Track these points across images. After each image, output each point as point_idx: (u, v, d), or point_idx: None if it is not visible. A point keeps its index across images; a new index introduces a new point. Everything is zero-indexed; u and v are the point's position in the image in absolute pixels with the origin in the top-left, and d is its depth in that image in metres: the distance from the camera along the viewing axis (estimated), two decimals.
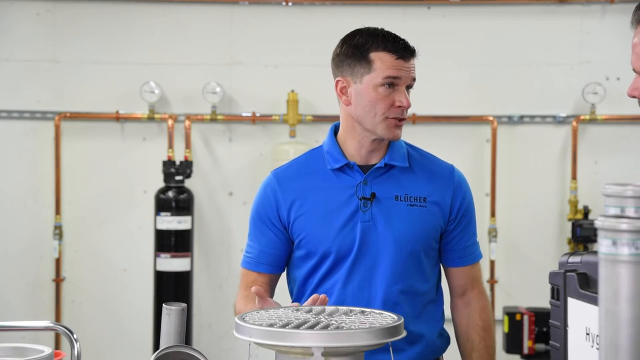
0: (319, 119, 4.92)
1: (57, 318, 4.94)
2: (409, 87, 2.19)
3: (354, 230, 2.19)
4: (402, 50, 2.17)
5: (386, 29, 2.24)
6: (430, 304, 2.27)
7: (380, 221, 2.20)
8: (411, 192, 2.22)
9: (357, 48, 2.19)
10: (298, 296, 2.30)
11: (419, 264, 2.23)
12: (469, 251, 2.31)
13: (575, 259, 1.65)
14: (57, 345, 4.87)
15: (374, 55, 2.17)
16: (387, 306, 2.16)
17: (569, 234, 4.85)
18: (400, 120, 2.18)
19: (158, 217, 4.70)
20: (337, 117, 2.24)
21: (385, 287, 2.19)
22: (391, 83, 2.16)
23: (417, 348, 2.23)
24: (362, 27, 2.25)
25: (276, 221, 2.26)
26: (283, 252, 2.28)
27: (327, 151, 2.27)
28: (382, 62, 2.16)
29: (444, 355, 2.33)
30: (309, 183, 2.25)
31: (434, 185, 2.25)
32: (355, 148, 2.23)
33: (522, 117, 4.96)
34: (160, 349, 1.72)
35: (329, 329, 1.53)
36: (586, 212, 4.81)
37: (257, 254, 2.29)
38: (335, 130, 2.29)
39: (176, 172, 4.73)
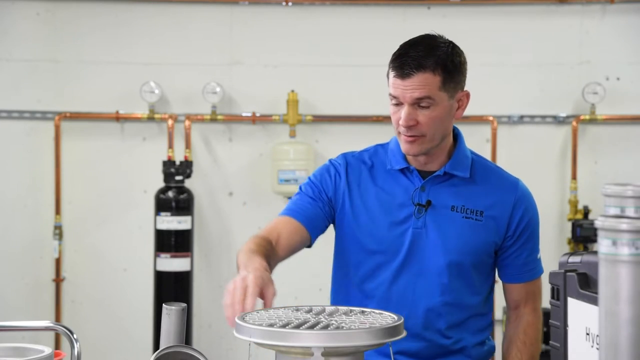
0: (319, 119, 4.91)
1: (57, 318, 4.94)
2: (422, 106, 2.11)
3: (404, 234, 2.17)
4: (398, 69, 2.11)
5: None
6: (477, 316, 2.25)
7: (433, 230, 2.17)
8: (468, 204, 2.19)
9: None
10: (341, 285, 2.26)
11: (468, 278, 2.21)
12: (527, 268, 2.27)
13: (575, 259, 1.65)
14: (57, 345, 4.87)
15: (389, 72, 2.16)
16: (430, 316, 2.16)
17: (569, 234, 4.85)
18: (409, 137, 2.13)
19: (158, 217, 4.70)
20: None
21: (429, 296, 2.17)
22: (395, 101, 2.13)
23: (457, 357, 2.21)
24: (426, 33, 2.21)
25: (328, 197, 2.22)
26: (321, 223, 2.22)
27: (391, 150, 2.25)
28: (390, 79, 2.15)
29: None
30: (368, 178, 2.23)
31: (494, 199, 2.21)
32: None
33: (522, 117, 4.96)
34: (160, 349, 1.72)
35: (329, 329, 1.53)
36: (586, 212, 4.81)
37: (300, 206, 2.21)
38: None
39: (176, 172, 4.73)
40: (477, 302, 2.24)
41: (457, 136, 2.27)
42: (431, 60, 2.11)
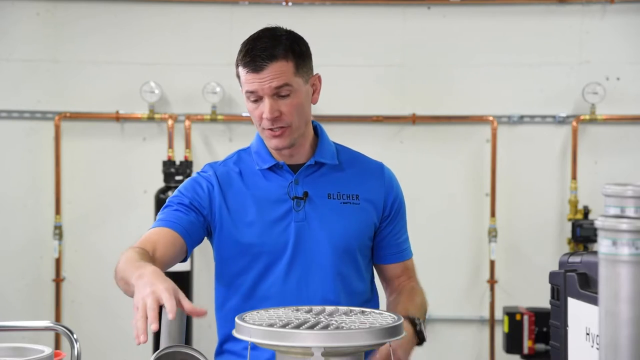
0: (318, 118, 4.89)
1: (57, 318, 4.94)
2: (282, 95, 2.11)
3: (287, 229, 2.16)
4: (250, 63, 2.09)
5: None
6: (367, 304, 2.25)
7: (315, 220, 2.17)
8: (343, 190, 2.21)
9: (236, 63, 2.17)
10: (229, 294, 2.23)
11: (355, 263, 2.22)
12: (404, 246, 2.30)
13: (575, 259, 1.65)
14: (57, 345, 4.87)
15: (239, 71, 2.15)
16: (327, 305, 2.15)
17: (569, 234, 4.85)
18: (273, 130, 2.13)
19: None
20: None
21: (323, 286, 2.17)
22: (254, 97, 2.12)
23: None
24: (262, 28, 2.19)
25: (201, 207, 2.20)
26: (197, 233, 2.20)
27: (256, 152, 2.26)
28: (242, 77, 2.13)
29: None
30: (241, 183, 2.23)
31: (366, 182, 2.24)
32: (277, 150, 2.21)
33: (522, 117, 4.96)
34: (160, 349, 1.72)
35: (329, 329, 1.53)
36: (586, 212, 4.81)
37: (175, 216, 2.18)
38: None
39: (176, 172, 4.73)
40: (365, 287, 2.25)
41: (316, 128, 2.29)
42: (280, 48, 2.11)
